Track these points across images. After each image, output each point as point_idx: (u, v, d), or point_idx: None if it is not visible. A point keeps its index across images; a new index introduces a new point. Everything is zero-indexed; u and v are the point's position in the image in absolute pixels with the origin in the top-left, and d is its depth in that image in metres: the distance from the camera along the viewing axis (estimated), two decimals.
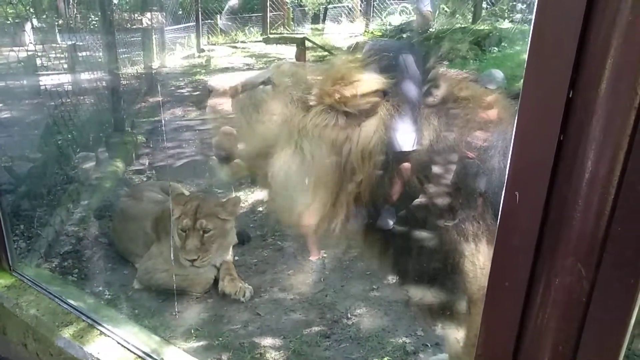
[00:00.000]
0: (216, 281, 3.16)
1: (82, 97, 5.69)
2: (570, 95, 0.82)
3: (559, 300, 0.91)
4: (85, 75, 6.13)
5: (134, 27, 8.56)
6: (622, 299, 0.84)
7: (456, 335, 1.81)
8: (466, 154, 1.43)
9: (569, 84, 0.81)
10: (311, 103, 1.49)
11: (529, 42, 0.83)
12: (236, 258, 3.40)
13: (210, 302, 3.06)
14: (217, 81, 1.77)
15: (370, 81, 1.46)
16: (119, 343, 2.04)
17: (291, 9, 14.88)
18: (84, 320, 2.17)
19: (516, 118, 0.88)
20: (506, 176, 0.92)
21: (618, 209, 0.81)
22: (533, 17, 0.82)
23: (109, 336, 2.08)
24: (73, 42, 6.34)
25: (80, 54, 6.29)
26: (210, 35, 13.70)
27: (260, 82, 1.64)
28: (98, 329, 2.11)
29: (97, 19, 5.83)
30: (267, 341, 2.65)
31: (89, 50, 6.21)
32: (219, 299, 3.06)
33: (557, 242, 0.89)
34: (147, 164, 5.09)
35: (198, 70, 9.99)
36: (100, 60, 5.90)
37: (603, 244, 0.84)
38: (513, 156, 0.89)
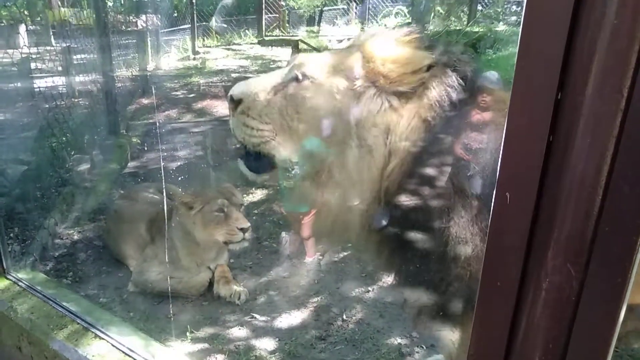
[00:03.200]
0: (211, 284, 3.16)
1: (76, 100, 5.68)
2: (559, 97, 0.83)
3: (549, 299, 0.92)
4: (79, 78, 6.11)
5: (129, 29, 8.55)
6: (610, 298, 0.85)
7: (451, 337, 1.81)
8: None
9: (557, 86, 0.82)
10: (361, 89, 1.41)
11: (518, 45, 0.84)
12: (231, 260, 3.40)
13: (206, 304, 3.06)
14: (242, 88, 1.57)
15: (419, 56, 1.39)
16: (113, 346, 2.04)
17: (287, 12, 14.89)
18: (78, 323, 2.17)
19: (506, 119, 0.89)
20: (497, 177, 0.93)
21: (605, 210, 0.83)
22: (521, 20, 0.83)
23: (103, 339, 2.08)
24: (68, 44, 6.33)
25: (75, 57, 6.27)
26: (205, 38, 13.69)
27: (291, 80, 1.51)
28: (93, 332, 2.11)
29: (91, 21, 5.81)
30: (262, 343, 2.66)
31: (84, 53, 6.20)
32: (214, 301, 3.07)
33: (547, 242, 0.90)
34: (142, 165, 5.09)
35: (193, 72, 9.98)
36: (94, 62, 5.89)
37: (591, 244, 0.85)
38: (503, 157, 0.90)
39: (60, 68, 6.24)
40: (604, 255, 0.84)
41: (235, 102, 1.56)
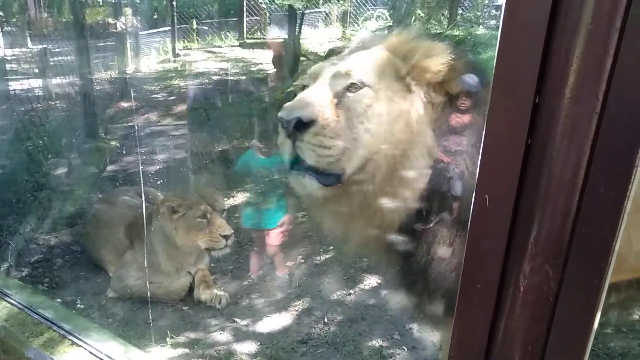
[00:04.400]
0: (191, 288, 3.13)
1: (53, 103, 5.58)
2: (537, 101, 0.84)
3: (528, 300, 0.93)
4: (57, 80, 6.01)
5: (108, 31, 8.45)
6: (587, 298, 0.86)
7: (432, 338, 1.80)
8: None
9: (534, 90, 0.83)
10: (412, 87, 1.40)
11: (497, 50, 0.85)
12: (212, 265, 3.37)
13: (186, 309, 3.02)
14: (310, 109, 1.43)
15: (442, 47, 1.41)
16: (91, 353, 2.01)
17: (268, 14, 14.86)
18: (55, 331, 2.13)
19: (485, 123, 0.89)
20: (476, 179, 0.94)
21: (582, 211, 0.84)
22: (500, 25, 0.84)
23: (80, 346, 2.04)
24: (44, 46, 6.23)
25: (51, 59, 6.17)
26: (185, 40, 13.59)
27: (345, 90, 1.45)
28: (70, 339, 2.07)
29: (68, 23, 5.73)
30: (244, 348, 2.64)
31: (61, 55, 6.11)
32: (195, 306, 3.03)
33: (525, 244, 0.91)
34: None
35: (173, 75, 9.90)
36: (72, 64, 5.80)
37: (569, 245, 0.86)
38: (482, 160, 0.90)
39: (36, 70, 6.13)
40: (581, 256, 0.85)
41: (305, 125, 1.42)
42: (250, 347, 2.64)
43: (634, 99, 0.77)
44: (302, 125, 1.41)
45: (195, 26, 13.82)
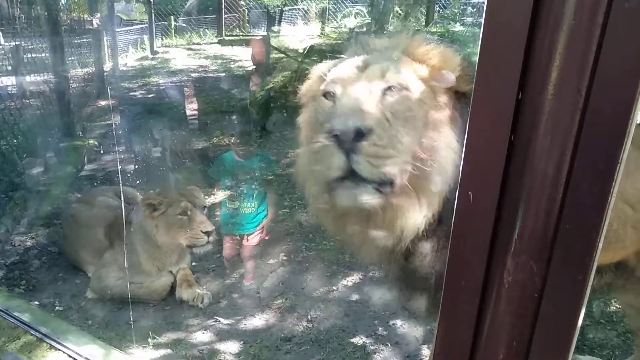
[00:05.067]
0: (173, 288, 3.09)
1: (28, 101, 5.46)
2: (520, 97, 0.83)
3: (512, 296, 0.93)
4: (31, 78, 5.87)
5: (84, 27, 8.29)
6: (571, 294, 0.87)
7: (415, 333, 1.80)
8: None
9: (517, 86, 0.82)
10: (442, 91, 1.41)
11: (479, 46, 0.84)
12: (193, 264, 3.34)
13: (168, 309, 2.99)
14: (367, 116, 1.33)
15: (452, 52, 1.45)
16: (70, 357, 1.96)
17: (246, 11, 14.77)
18: (32, 334, 2.08)
19: (468, 119, 0.89)
20: (460, 177, 0.93)
21: (566, 207, 0.84)
22: (482, 21, 0.83)
23: (59, 349, 2.00)
24: (18, 42, 6.08)
25: (26, 56, 6.02)
26: (164, 37, 13.43)
27: (386, 93, 1.38)
28: (48, 343, 2.03)
29: (42, 18, 5.60)
30: (227, 347, 2.62)
31: (36, 52, 5.97)
32: (177, 305, 3.00)
33: (509, 241, 0.91)
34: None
35: (151, 72, 9.77)
36: (47, 61, 5.67)
37: (553, 241, 0.86)
38: (466, 157, 0.90)
39: (9, 67, 5.99)
40: (566, 252, 0.85)
41: (362, 135, 1.30)
42: (233, 346, 2.62)
43: (616, 95, 0.77)
44: (360, 136, 1.30)
45: (173, 23, 13.67)
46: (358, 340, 2.61)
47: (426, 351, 2.54)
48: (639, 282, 1.73)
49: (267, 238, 3.19)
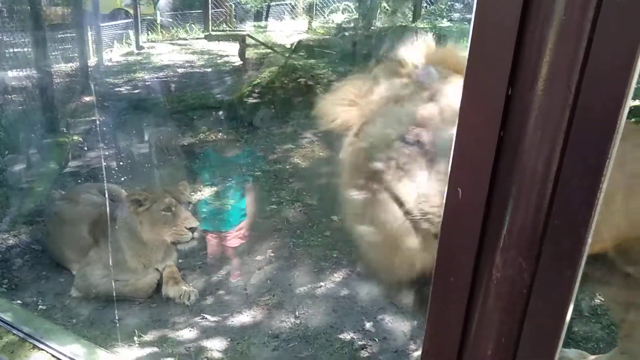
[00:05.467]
0: (159, 285, 3.06)
1: (10, 96, 5.35)
2: (510, 93, 0.83)
3: (501, 293, 0.93)
4: (13, 73, 5.77)
5: (67, 22, 8.16)
6: (560, 289, 0.87)
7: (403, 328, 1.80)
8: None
9: (507, 82, 0.82)
10: None
11: (469, 42, 0.83)
12: (180, 261, 3.31)
13: (154, 307, 2.96)
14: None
15: None
16: (54, 356, 1.93)
17: (233, 6, 14.68)
18: (14, 334, 2.04)
19: (458, 115, 0.88)
20: (449, 172, 0.93)
21: (555, 203, 0.84)
22: (472, 17, 0.83)
23: (42, 349, 1.96)
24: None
25: (7, 50, 5.91)
26: (149, 32, 13.29)
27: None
28: (30, 343, 1.99)
29: (25, 12, 5.49)
30: (214, 344, 2.60)
31: (19, 47, 5.86)
32: (163, 303, 2.98)
33: (498, 237, 0.91)
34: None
35: (137, 68, 9.66)
36: (30, 57, 5.57)
37: (542, 237, 0.86)
38: (455, 152, 0.89)
39: None
40: (555, 248, 0.85)
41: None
42: (220, 343, 2.61)
43: (605, 91, 0.77)
44: None
45: (159, 18, 13.54)
46: (346, 336, 2.61)
47: (414, 346, 2.55)
48: (621, 275, 1.76)
49: (243, 241, 3.15)
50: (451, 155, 0.92)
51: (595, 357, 2.38)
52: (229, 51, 10.69)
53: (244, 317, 2.81)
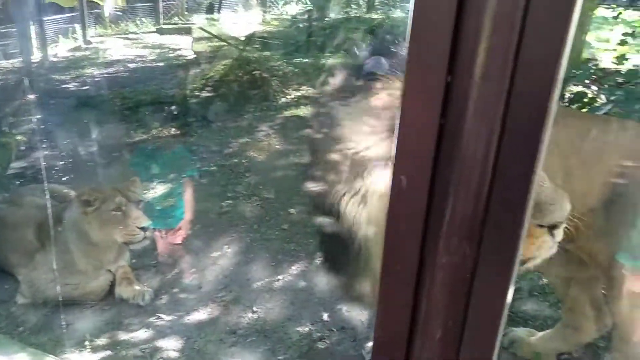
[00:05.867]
0: (112, 287, 2.97)
1: None
2: (449, 81, 0.83)
3: (446, 278, 0.94)
4: None
5: (6, 15, 7.78)
6: (501, 273, 0.89)
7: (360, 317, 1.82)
8: None
9: (446, 69, 0.82)
10: None
11: (409, 29, 0.83)
12: (133, 261, 3.22)
13: (107, 309, 2.88)
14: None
15: None
16: None
17: None
18: None
19: (400, 103, 0.88)
20: (392, 161, 0.93)
21: (494, 189, 0.85)
22: (410, 5, 0.83)
23: None
24: None
25: None
26: (97, 26, 12.85)
27: None
28: None
29: None
30: (170, 344, 2.55)
31: None
32: (117, 305, 2.90)
33: (442, 224, 0.91)
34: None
35: (85, 63, 9.33)
36: None
37: (483, 222, 0.88)
38: (398, 141, 0.90)
39: None
40: (495, 232, 0.87)
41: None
42: (176, 342, 2.56)
43: (537, 77, 0.78)
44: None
45: (108, 11, 13.11)
46: (304, 328, 2.61)
47: (372, 334, 2.57)
48: (561, 252, 1.84)
49: (184, 237, 3.09)
50: (395, 144, 0.92)
51: (543, 334, 2.48)
52: (182, 44, 10.46)
53: (201, 315, 2.77)
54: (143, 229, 2.78)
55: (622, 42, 5.84)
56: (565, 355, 2.42)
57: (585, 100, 4.68)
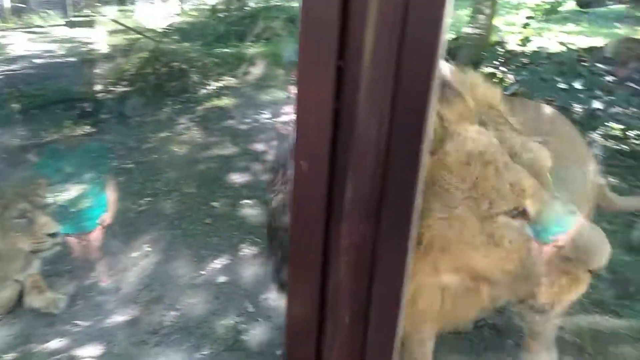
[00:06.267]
0: (22, 298, 2.78)
1: None
2: (340, 66, 0.84)
3: (350, 261, 0.96)
4: None
5: None
6: (399, 250, 0.91)
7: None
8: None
9: (337, 54, 0.83)
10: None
11: (300, 16, 0.84)
12: (46, 267, 3.03)
13: (16, 321, 2.69)
14: None
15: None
16: None
17: None
18: None
19: (296, 92, 0.89)
20: (294, 147, 0.93)
21: (389, 169, 0.87)
22: None
23: None
24: None
25: None
26: None
27: None
28: None
29: None
30: (88, 351, 2.44)
31: None
32: (27, 316, 2.72)
33: (342, 206, 0.93)
34: None
35: None
36: None
37: (380, 203, 0.90)
38: (297, 126, 0.89)
39: None
40: (391, 211, 0.89)
41: None
42: (95, 349, 2.45)
43: (420, 58, 0.81)
44: None
45: (10, 3, 12.20)
46: (229, 321, 2.59)
47: None
48: None
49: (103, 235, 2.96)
50: (294, 130, 0.92)
51: None
52: (94, 38, 9.94)
53: (121, 317, 2.66)
54: (53, 235, 2.60)
55: (525, 25, 6.24)
56: (482, 322, 2.51)
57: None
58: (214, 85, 6.98)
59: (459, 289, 1.42)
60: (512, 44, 6.42)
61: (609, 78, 4.95)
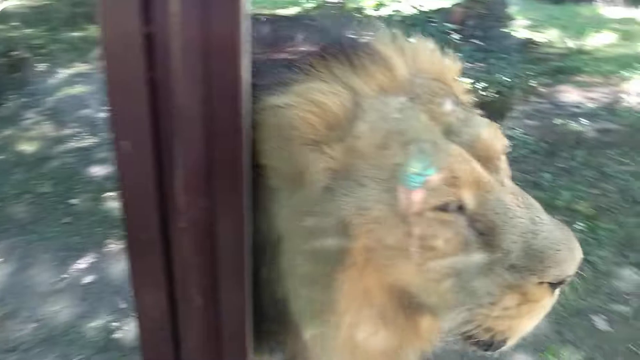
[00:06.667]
0: None
1: None
2: (147, 32, 0.79)
3: (191, 236, 0.93)
4: None
5: None
6: (235, 217, 0.91)
7: None
8: None
9: (140, 19, 0.78)
10: None
11: None
12: None
13: None
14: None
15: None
16: None
17: None
18: None
19: (105, 69, 0.82)
20: (112, 129, 0.87)
21: (212, 137, 0.85)
22: None
23: None
24: None
25: None
26: None
27: None
28: None
29: None
30: None
31: None
32: None
33: (175, 183, 0.89)
34: None
35: None
36: None
37: (209, 173, 0.88)
38: (111, 108, 0.83)
39: None
40: (222, 180, 0.87)
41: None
42: None
43: (226, 22, 0.79)
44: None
45: None
46: (99, 322, 2.44)
47: None
48: None
49: None
50: (109, 108, 0.85)
51: None
52: None
53: None
54: None
55: None
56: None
57: None
58: (64, 73, 6.46)
59: (398, 320, 1.08)
60: (370, 10, 6.74)
61: (456, 36, 5.38)
